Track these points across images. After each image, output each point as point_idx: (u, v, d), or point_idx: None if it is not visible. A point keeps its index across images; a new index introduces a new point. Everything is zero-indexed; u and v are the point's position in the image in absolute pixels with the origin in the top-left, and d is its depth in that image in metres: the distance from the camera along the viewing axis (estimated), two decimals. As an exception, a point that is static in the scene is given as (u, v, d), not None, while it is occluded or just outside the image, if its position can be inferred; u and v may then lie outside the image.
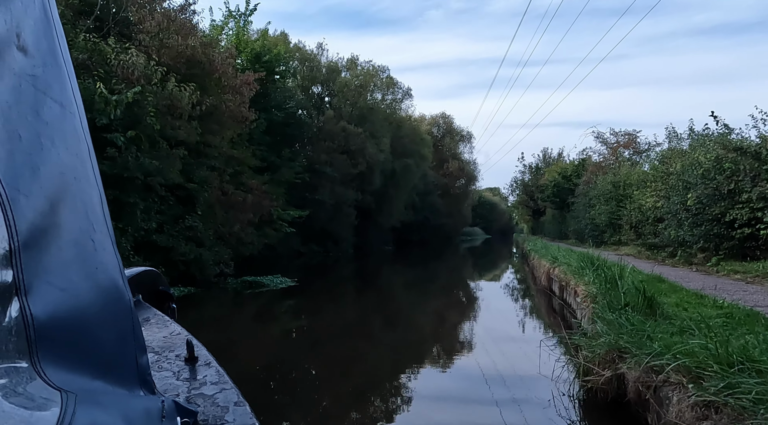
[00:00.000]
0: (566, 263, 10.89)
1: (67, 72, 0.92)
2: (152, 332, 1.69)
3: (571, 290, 8.91)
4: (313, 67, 34.58)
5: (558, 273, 11.56)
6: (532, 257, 21.16)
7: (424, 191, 53.55)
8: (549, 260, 12.91)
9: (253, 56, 26.33)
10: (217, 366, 1.39)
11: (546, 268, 13.35)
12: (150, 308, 1.92)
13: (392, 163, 39.00)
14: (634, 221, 19.67)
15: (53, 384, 0.73)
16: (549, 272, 13.29)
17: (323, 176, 29.58)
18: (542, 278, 13.98)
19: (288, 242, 29.36)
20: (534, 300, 14.21)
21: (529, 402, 5.27)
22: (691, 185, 14.20)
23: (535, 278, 18.47)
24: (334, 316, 12.18)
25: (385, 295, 16.83)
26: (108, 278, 0.91)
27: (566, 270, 10.07)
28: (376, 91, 38.51)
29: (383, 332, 10.62)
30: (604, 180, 27.32)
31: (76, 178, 0.88)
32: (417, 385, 6.33)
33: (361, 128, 32.55)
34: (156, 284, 2.13)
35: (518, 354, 7.51)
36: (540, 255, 15.52)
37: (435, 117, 62.88)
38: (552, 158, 60.59)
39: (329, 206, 30.69)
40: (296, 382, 6.76)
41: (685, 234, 14.58)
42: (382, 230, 42.15)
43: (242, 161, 21.14)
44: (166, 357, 1.48)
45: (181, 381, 1.30)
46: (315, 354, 8.23)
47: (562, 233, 40.88)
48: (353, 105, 33.69)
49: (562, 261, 11.44)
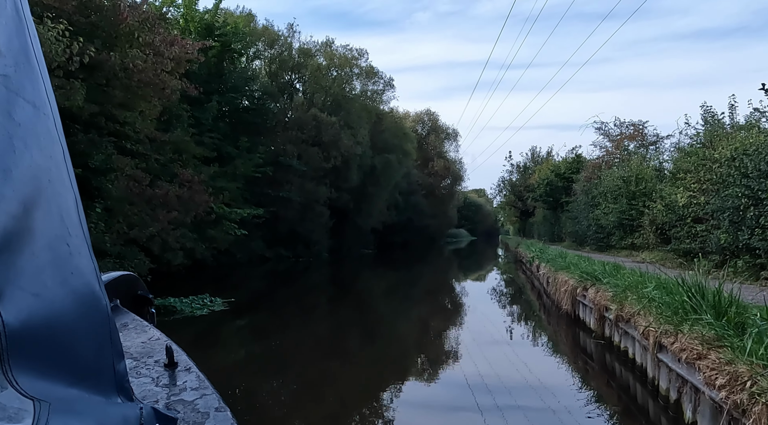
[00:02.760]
0: (623, 287, 6.61)
1: (41, 72, 0.88)
2: (130, 337, 1.64)
3: (672, 350, 4.66)
4: (283, 51, 30.15)
5: (600, 300, 7.36)
6: (535, 265, 16.96)
7: (408, 191, 49.36)
8: (577, 277, 8.75)
9: (203, 27, 21.85)
10: (197, 372, 1.34)
11: (570, 286, 9.14)
12: (128, 314, 1.87)
13: (372, 158, 34.67)
14: (660, 221, 15.57)
15: (26, 393, 0.70)
16: (574, 291, 9.09)
17: (290, 170, 25.13)
18: (562, 299, 9.78)
19: (249, 247, 24.87)
20: (551, 331, 10.01)
21: None
22: (761, 174, 10.12)
23: (543, 294, 14.29)
24: (262, 366, 7.86)
25: (357, 315, 12.52)
26: (84, 284, 0.87)
27: (638, 305, 5.79)
28: (355, 80, 34.12)
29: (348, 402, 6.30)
30: (612, 175, 23.35)
31: (51, 180, 0.85)
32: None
33: (335, 117, 28.16)
34: (134, 289, 2.07)
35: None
36: (555, 266, 11.34)
37: (419, 114, 58.83)
38: (541, 157, 57.08)
39: (298, 205, 26.25)
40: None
41: (750, 239, 10.50)
42: (362, 231, 37.75)
43: (180, 147, 16.68)
44: (144, 362, 1.42)
45: (160, 387, 1.26)
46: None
47: (555, 235, 37.22)
48: (327, 92, 29.20)
49: (613, 284, 7.16)
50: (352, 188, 32.25)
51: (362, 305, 14.59)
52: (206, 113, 21.04)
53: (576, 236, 27.37)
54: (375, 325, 11.21)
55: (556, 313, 10.78)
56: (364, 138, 30.45)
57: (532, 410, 5.52)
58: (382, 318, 12.33)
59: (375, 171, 35.06)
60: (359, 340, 9.64)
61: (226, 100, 22.59)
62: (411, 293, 17.63)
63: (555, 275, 10.84)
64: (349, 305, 14.50)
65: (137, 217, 12.44)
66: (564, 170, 36.54)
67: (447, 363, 7.95)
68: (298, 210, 26.62)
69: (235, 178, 21.40)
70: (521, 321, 11.39)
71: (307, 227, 28.25)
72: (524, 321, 11.46)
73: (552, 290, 11.30)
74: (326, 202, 29.56)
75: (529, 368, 7.35)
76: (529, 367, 7.39)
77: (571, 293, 9.19)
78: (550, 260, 12.60)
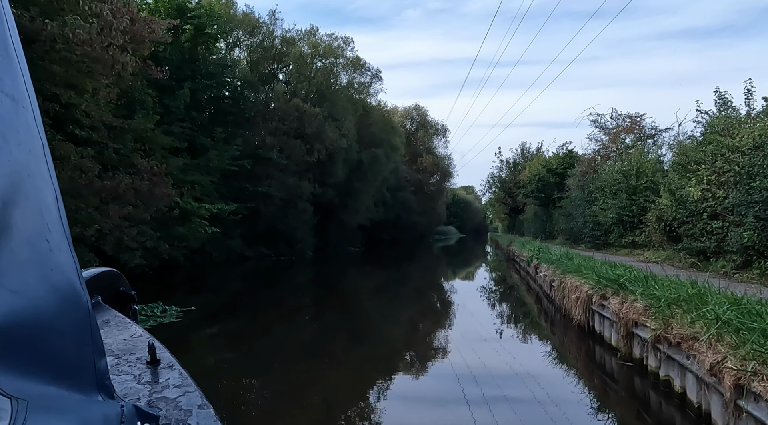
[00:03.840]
0: (666, 300, 5.06)
1: (19, 64, 0.86)
2: (112, 334, 1.59)
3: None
4: (265, 39, 28.36)
5: (628, 313, 5.86)
6: (533, 265, 15.50)
7: (396, 187, 47.80)
8: (593, 282, 7.22)
9: (174, 9, 20.03)
10: (180, 369, 1.31)
11: (584, 293, 7.64)
12: (110, 310, 1.83)
13: (358, 153, 33.02)
14: (668, 218, 14.18)
15: (3, 392, 0.68)
16: (589, 300, 7.60)
17: (270, 163, 23.39)
18: (572, 307, 8.29)
19: (227, 245, 23.16)
20: (557, 342, 8.53)
21: None
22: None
23: (543, 298, 12.82)
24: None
25: (340, 322, 10.95)
26: (64, 280, 0.85)
27: (698, 327, 4.26)
28: (341, 70, 32.43)
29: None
30: (610, 169, 21.99)
31: (30, 175, 0.82)
32: None
33: (319, 108, 26.45)
34: (117, 285, 2.03)
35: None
36: (561, 268, 9.75)
37: (408, 109, 57.23)
38: (531, 153, 55.82)
39: (279, 201, 24.54)
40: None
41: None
42: (348, 229, 36.10)
43: (142, 135, 14.92)
44: (126, 360, 1.39)
45: (142, 384, 1.23)
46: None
47: (547, 232, 35.97)
48: (310, 82, 27.46)
49: (648, 295, 5.62)
50: (337, 184, 30.60)
51: (346, 310, 13.00)
52: (177, 101, 19.29)
53: (570, 233, 26.00)
54: (359, 339, 9.64)
55: (563, 322, 9.29)
56: (349, 131, 28.77)
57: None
58: (367, 331, 10.75)
59: (362, 166, 33.43)
60: (342, 356, 8.07)
61: (201, 87, 20.83)
62: (400, 296, 16.09)
63: (562, 278, 9.34)
64: (332, 309, 12.91)
65: (83, 212, 10.73)
66: (556, 166, 35.26)
67: (438, 371, 6.42)
68: (280, 206, 24.92)
69: (209, 171, 19.68)
70: (520, 329, 9.89)
71: (290, 224, 26.56)
72: (524, 328, 9.96)
73: (557, 296, 9.81)
74: (310, 198, 27.87)
75: (537, 382, 5.87)
76: (538, 381, 5.91)
77: (585, 301, 7.69)
78: (555, 261, 11.08)
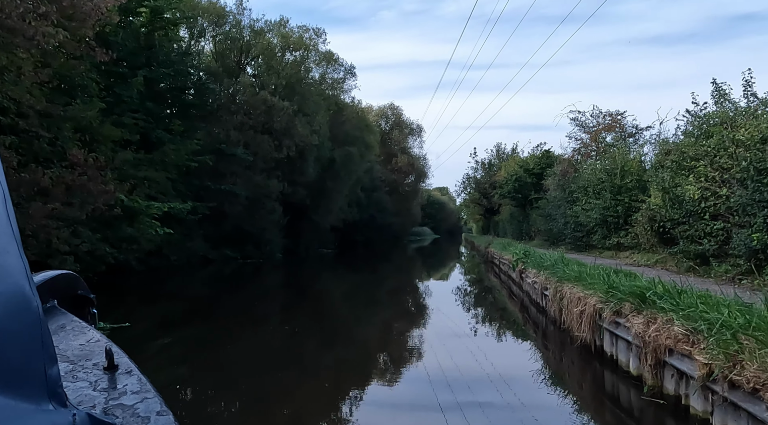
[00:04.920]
0: (731, 328, 3.77)
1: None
2: (68, 339, 1.53)
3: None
4: (231, 28, 26.56)
5: (661, 337, 4.56)
6: (518, 270, 14.25)
7: (371, 187, 46.36)
8: (602, 294, 5.90)
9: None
10: (138, 374, 1.26)
11: (591, 307, 6.33)
12: (66, 314, 1.75)
13: (331, 151, 31.44)
14: (662, 218, 13.11)
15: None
16: (596, 315, 6.30)
17: (234, 160, 21.63)
18: (574, 322, 6.98)
19: (187, 248, 21.31)
20: (552, 359, 7.23)
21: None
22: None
23: (529, 305, 11.55)
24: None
25: (307, 331, 9.41)
26: (12, 283, 0.82)
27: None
28: (312, 64, 30.78)
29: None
30: (593, 168, 21.02)
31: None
32: None
33: (289, 102, 24.79)
34: (74, 289, 1.94)
35: None
36: (556, 276, 8.38)
37: (383, 108, 55.91)
38: (506, 154, 55.15)
39: (245, 200, 22.79)
40: None
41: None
42: (320, 230, 34.44)
43: (82, 124, 13.08)
44: (82, 366, 1.33)
45: (98, 391, 1.17)
46: None
47: (524, 233, 35.12)
48: (279, 74, 25.75)
49: (693, 318, 4.30)
50: (308, 183, 28.97)
51: (316, 318, 11.47)
52: (130, 89, 17.42)
53: (549, 234, 25.00)
54: (329, 351, 8.14)
55: (560, 338, 8.00)
56: (321, 127, 27.16)
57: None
58: (339, 345, 9.26)
59: (334, 165, 31.86)
60: (311, 368, 6.56)
61: (158, 76, 18.99)
62: (374, 303, 14.64)
63: (558, 287, 8.05)
64: (301, 316, 11.37)
65: None
66: (533, 166, 34.45)
67: (414, 389, 5.01)
68: (246, 206, 23.16)
69: (166, 167, 17.85)
70: (506, 340, 8.56)
71: (257, 224, 24.81)
72: (510, 340, 8.64)
73: (552, 307, 8.51)
74: (279, 197, 26.17)
75: (536, 411, 4.52)
76: (536, 410, 4.58)
77: (592, 317, 6.39)
78: (548, 267, 9.76)
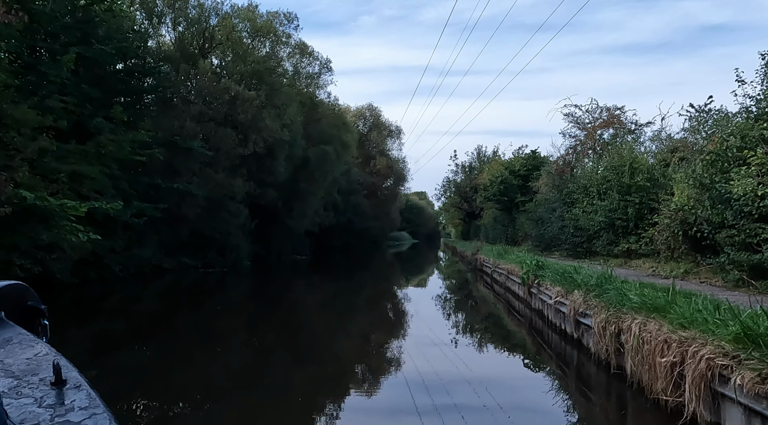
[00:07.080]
0: None
1: None
2: (14, 353, 1.45)
3: None
4: (192, 10, 23.61)
5: None
6: (527, 286, 11.70)
7: (348, 190, 43.64)
8: (729, 341, 3.55)
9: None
10: (88, 389, 1.18)
11: (701, 360, 3.84)
12: (13, 327, 1.64)
13: (305, 150, 28.65)
14: (700, 220, 10.75)
15: None
16: (705, 376, 3.79)
17: (190, 154, 18.68)
18: (662, 383, 4.47)
19: (135, 256, 18.21)
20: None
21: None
22: None
23: (547, 332, 9.02)
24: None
25: (275, 351, 6.65)
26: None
27: None
28: (284, 57, 28.00)
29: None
30: (594, 166, 18.79)
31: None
32: None
33: (256, 92, 21.93)
34: (24, 300, 1.80)
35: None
36: (613, 303, 5.67)
37: (361, 109, 53.33)
38: (487, 157, 53.15)
39: (204, 201, 19.83)
40: None
41: None
42: (293, 234, 31.54)
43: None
44: (28, 381, 1.26)
45: (43, 408, 1.11)
46: None
47: (509, 238, 32.81)
48: (245, 61, 22.85)
49: None
50: (280, 184, 26.09)
51: (285, 336, 8.68)
52: (59, 68, 14.39)
53: (540, 239, 22.66)
54: (297, 380, 5.39)
55: (613, 386, 5.46)
56: (293, 121, 24.33)
57: None
58: (306, 379, 6.50)
59: (309, 164, 29.06)
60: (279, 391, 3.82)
61: (96, 55, 15.97)
62: (351, 316, 11.90)
63: (614, 318, 5.50)
64: (268, 333, 8.55)
65: None
66: (519, 168, 32.26)
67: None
68: (206, 208, 20.20)
69: (103, 160, 14.83)
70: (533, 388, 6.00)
71: (220, 229, 21.83)
72: (536, 389, 6.08)
73: (600, 344, 5.96)
74: (245, 199, 23.25)
75: None
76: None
77: (703, 376, 3.85)
78: (592, 287, 6.95)
